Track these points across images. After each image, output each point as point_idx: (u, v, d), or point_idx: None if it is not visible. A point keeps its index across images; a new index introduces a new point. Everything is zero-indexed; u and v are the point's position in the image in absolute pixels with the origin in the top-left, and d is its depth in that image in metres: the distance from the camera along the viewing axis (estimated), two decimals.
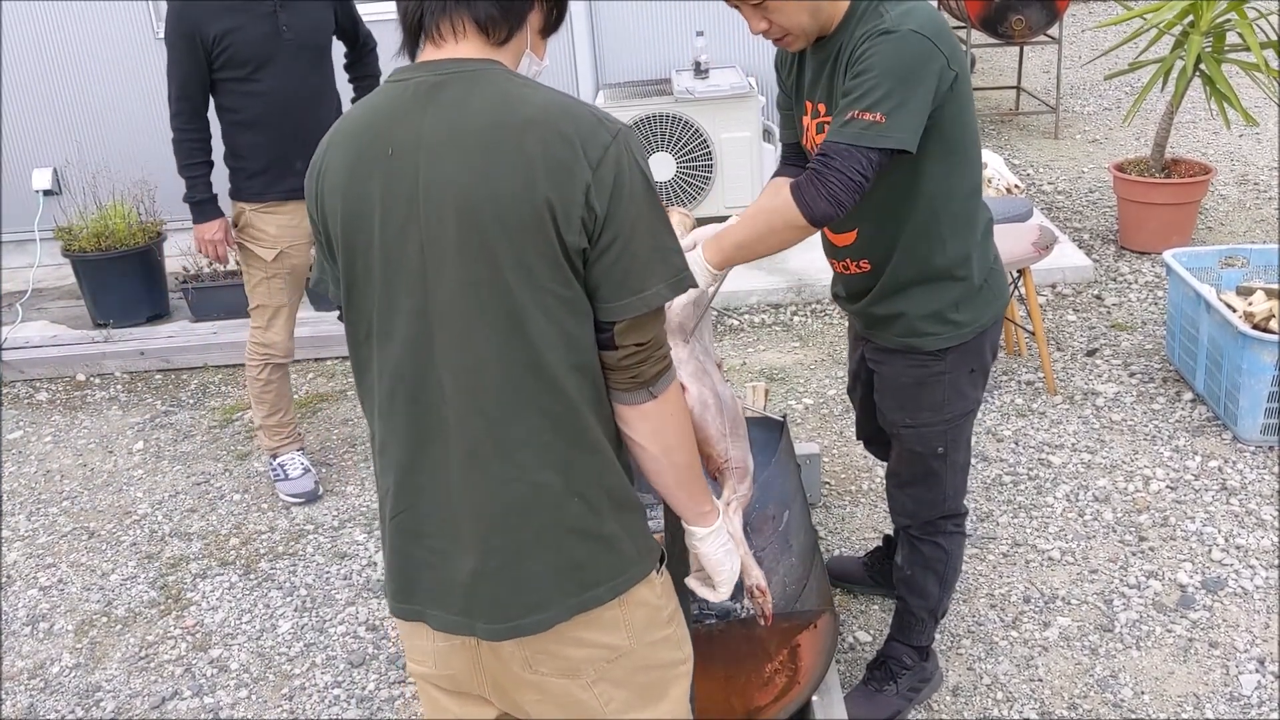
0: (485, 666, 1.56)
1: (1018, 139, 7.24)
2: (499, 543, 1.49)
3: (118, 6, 5.52)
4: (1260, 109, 7.05)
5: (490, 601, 1.50)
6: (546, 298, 1.42)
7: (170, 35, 3.26)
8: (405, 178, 1.42)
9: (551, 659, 1.53)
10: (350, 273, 1.50)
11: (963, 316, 2.25)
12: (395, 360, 1.49)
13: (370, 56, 3.72)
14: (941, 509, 2.43)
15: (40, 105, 5.70)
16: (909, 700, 2.58)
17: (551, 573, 1.49)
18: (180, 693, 2.87)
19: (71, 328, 5.12)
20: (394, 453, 1.53)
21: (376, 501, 3.63)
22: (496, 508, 1.48)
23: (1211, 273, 3.90)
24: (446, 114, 1.42)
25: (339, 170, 1.48)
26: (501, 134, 1.40)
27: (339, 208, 1.48)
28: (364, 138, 1.47)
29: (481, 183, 1.39)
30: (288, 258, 3.50)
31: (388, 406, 1.52)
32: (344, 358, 4.73)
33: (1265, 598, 2.87)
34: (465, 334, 1.44)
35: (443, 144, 1.41)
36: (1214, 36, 4.89)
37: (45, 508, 3.82)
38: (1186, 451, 3.53)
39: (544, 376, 1.44)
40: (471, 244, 1.40)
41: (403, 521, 1.55)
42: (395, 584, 1.58)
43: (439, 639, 1.57)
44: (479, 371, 1.45)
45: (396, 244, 1.44)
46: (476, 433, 1.47)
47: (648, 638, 1.58)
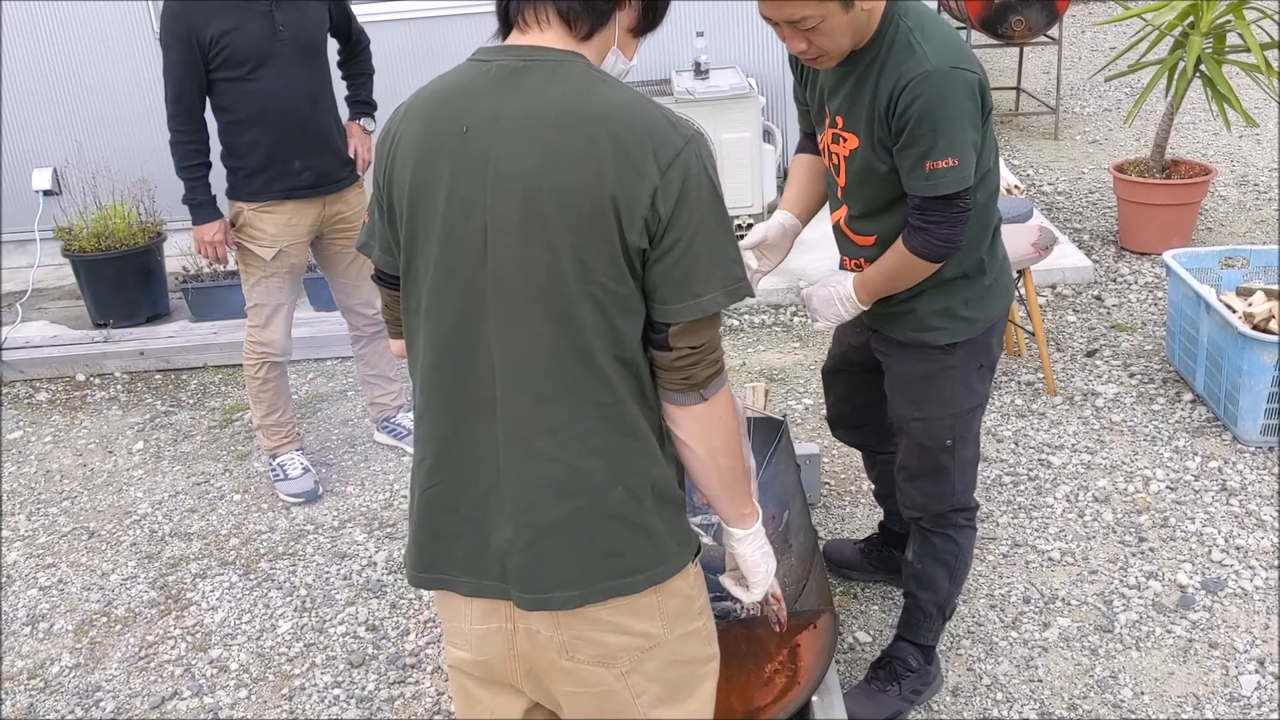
0: (520, 653, 1.57)
1: (1018, 140, 7.24)
2: (536, 518, 1.51)
3: (118, 6, 5.52)
4: (1260, 110, 7.05)
5: (524, 571, 1.52)
6: (598, 290, 1.44)
7: (166, 36, 3.25)
8: (476, 156, 1.45)
9: (589, 645, 1.54)
10: (411, 243, 1.52)
11: (972, 313, 2.29)
12: (445, 334, 1.51)
13: (364, 54, 3.72)
14: (950, 503, 2.45)
15: (40, 105, 5.70)
16: (910, 702, 2.57)
17: (587, 553, 1.51)
18: (180, 693, 2.87)
19: (71, 328, 5.12)
20: (435, 424, 1.55)
21: (378, 497, 3.64)
22: (537, 486, 1.50)
23: (1211, 273, 3.90)
24: (524, 99, 1.45)
25: (411, 141, 1.51)
26: (575, 125, 1.42)
27: (406, 178, 1.50)
28: (441, 112, 1.49)
29: (550, 171, 1.42)
30: (286, 257, 3.50)
31: (432, 379, 1.54)
32: (344, 358, 4.73)
33: (1265, 598, 2.87)
34: (518, 315, 1.46)
35: (517, 128, 1.44)
36: (1214, 37, 4.89)
37: (45, 508, 3.82)
38: (1186, 452, 3.53)
39: (591, 365, 1.47)
40: (533, 229, 1.43)
41: (438, 493, 1.56)
42: (421, 554, 1.60)
43: (476, 621, 1.58)
44: (530, 353, 1.47)
45: (460, 220, 1.47)
46: (523, 412, 1.49)
47: (680, 629, 1.59)
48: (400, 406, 3.98)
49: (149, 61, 5.42)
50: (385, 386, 3.94)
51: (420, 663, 2.89)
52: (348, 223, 3.62)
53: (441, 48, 5.54)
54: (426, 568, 1.59)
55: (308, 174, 3.45)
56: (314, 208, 3.52)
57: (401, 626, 3.04)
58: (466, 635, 1.61)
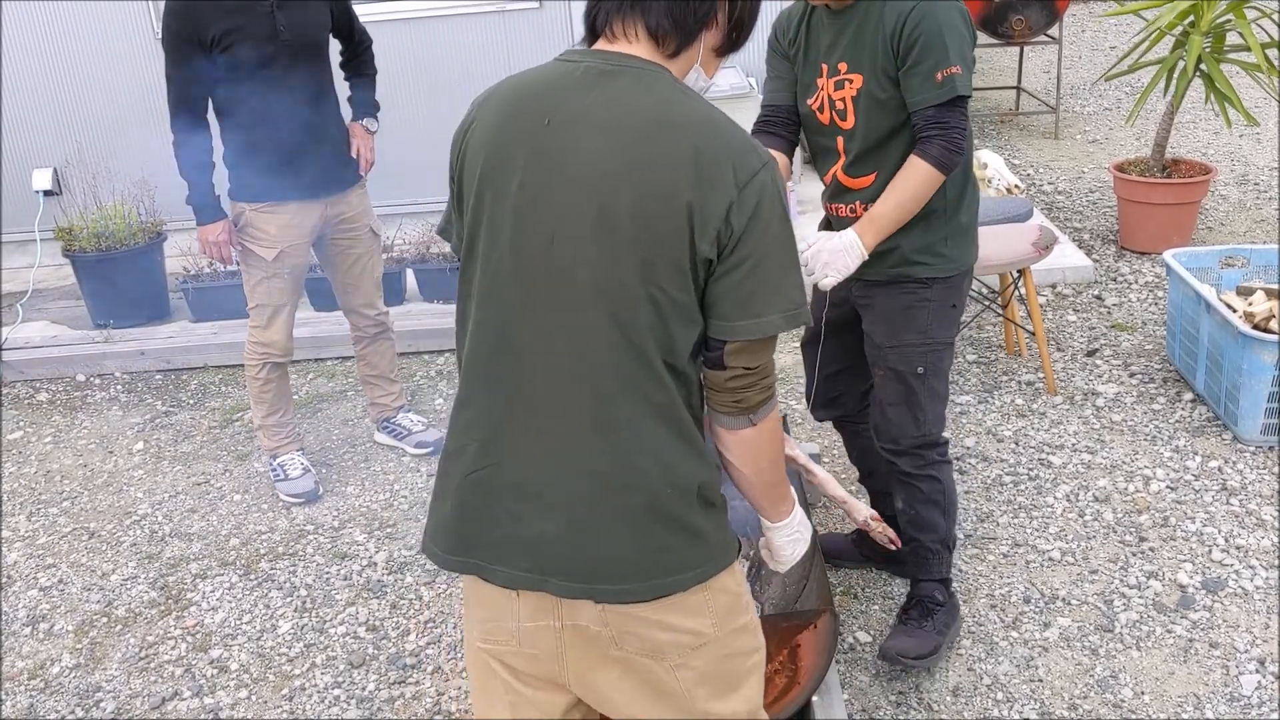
0: (569, 650, 1.58)
1: (1018, 139, 7.24)
2: (584, 513, 1.52)
3: (118, 6, 5.52)
4: (1260, 109, 7.05)
5: (566, 562, 1.52)
6: (660, 295, 1.47)
7: (168, 37, 3.25)
8: (555, 149, 1.48)
9: (638, 640, 1.55)
10: (474, 228, 1.55)
11: (950, 251, 2.52)
12: (501, 321, 1.53)
13: (366, 54, 3.72)
14: (920, 430, 2.62)
15: (40, 105, 5.71)
16: (944, 635, 2.70)
17: (633, 549, 1.52)
18: (180, 693, 2.87)
19: (72, 328, 5.12)
20: (483, 410, 1.56)
21: (378, 498, 3.64)
22: (588, 480, 1.51)
23: (1212, 273, 3.90)
24: (610, 100, 1.49)
25: (488, 128, 1.54)
26: (659, 131, 1.46)
27: (479, 163, 1.53)
28: (522, 104, 1.53)
29: (628, 171, 1.45)
30: (288, 257, 3.50)
31: (485, 366, 1.56)
32: (344, 358, 4.73)
33: (1265, 598, 2.87)
34: (579, 310, 1.48)
35: (600, 126, 1.47)
36: (1214, 37, 4.89)
37: (45, 508, 3.83)
38: (1187, 452, 3.53)
39: (649, 367, 1.49)
40: (603, 226, 1.45)
41: (481, 478, 1.56)
42: (454, 536, 1.59)
43: (526, 619, 1.57)
44: (589, 348, 1.49)
45: (529, 210, 1.49)
46: (580, 407, 1.50)
47: (730, 625, 1.61)
48: (400, 407, 3.98)
49: (149, 62, 5.43)
50: (386, 387, 3.94)
51: (420, 663, 2.89)
52: (350, 223, 3.62)
53: (441, 48, 5.55)
54: (459, 551, 1.59)
55: (310, 175, 3.45)
56: (316, 208, 3.52)
57: (402, 627, 3.04)
58: (514, 632, 1.60)
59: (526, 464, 1.54)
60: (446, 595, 3.15)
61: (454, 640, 2.97)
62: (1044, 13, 6.85)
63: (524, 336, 1.52)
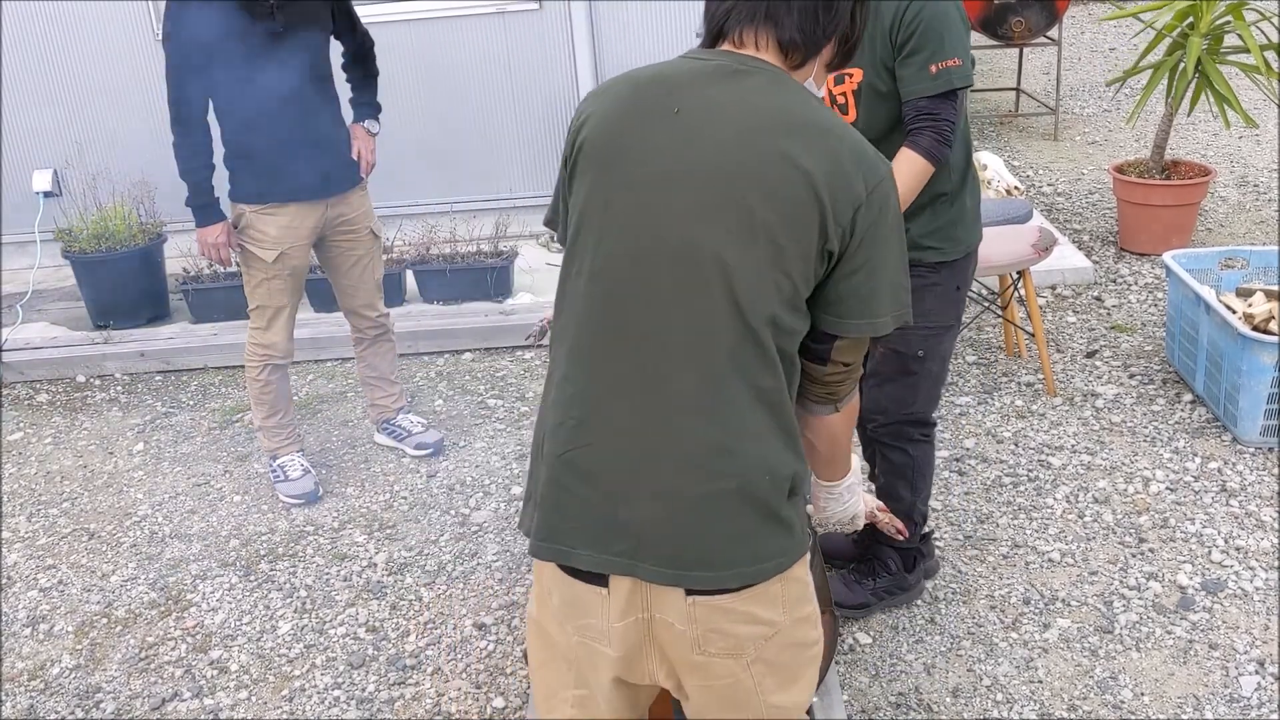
0: (657, 643, 1.60)
1: (1017, 141, 7.24)
2: (682, 497, 1.53)
3: (118, 6, 5.52)
4: (1260, 111, 7.05)
5: (659, 546, 1.53)
6: (784, 282, 1.52)
7: (169, 37, 3.25)
8: (685, 136, 1.52)
9: (721, 637, 1.57)
10: (588, 210, 1.57)
11: (959, 234, 2.58)
12: (615, 302, 1.55)
13: (368, 55, 3.72)
14: (910, 409, 2.70)
15: (40, 106, 5.70)
16: (879, 599, 2.87)
17: (726, 536, 1.54)
18: (180, 694, 2.87)
19: (72, 329, 5.12)
20: (583, 389, 1.57)
21: (378, 499, 3.64)
22: (688, 461, 1.53)
23: (1211, 274, 3.90)
24: (744, 95, 1.54)
25: (610, 116, 1.58)
26: (795, 129, 1.52)
27: (599, 148, 1.57)
28: (647, 92, 1.58)
29: (764, 164, 1.50)
30: (288, 259, 3.50)
31: (591, 344, 1.57)
32: (344, 359, 4.73)
33: (1265, 599, 2.88)
34: (701, 291, 1.51)
35: (733, 118, 1.52)
36: (1213, 38, 4.90)
37: (45, 509, 3.83)
38: (1186, 453, 3.53)
39: (763, 351, 1.52)
40: (736, 212, 1.50)
41: (576, 458, 1.57)
42: (542, 521, 1.61)
43: (615, 619, 1.59)
44: (706, 329, 1.51)
45: (655, 193, 1.53)
46: (689, 387, 1.52)
47: (797, 613, 1.63)
48: (400, 409, 3.98)
49: (149, 62, 5.43)
50: (386, 388, 3.94)
51: (420, 664, 2.89)
52: (351, 225, 3.62)
53: (441, 48, 5.55)
54: (546, 536, 1.60)
55: (310, 176, 3.45)
56: (317, 210, 3.52)
57: (401, 628, 3.04)
58: (604, 632, 1.61)
59: (624, 445, 1.55)
60: (446, 596, 3.15)
61: (454, 641, 2.97)
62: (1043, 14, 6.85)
63: (636, 316, 1.54)
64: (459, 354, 4.75)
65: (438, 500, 3.64)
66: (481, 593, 3.16)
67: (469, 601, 3.12)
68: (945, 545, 3.18)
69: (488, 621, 3.03)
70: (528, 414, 4.16)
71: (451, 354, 4.75)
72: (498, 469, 3.80)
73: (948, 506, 3.36)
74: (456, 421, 4.16)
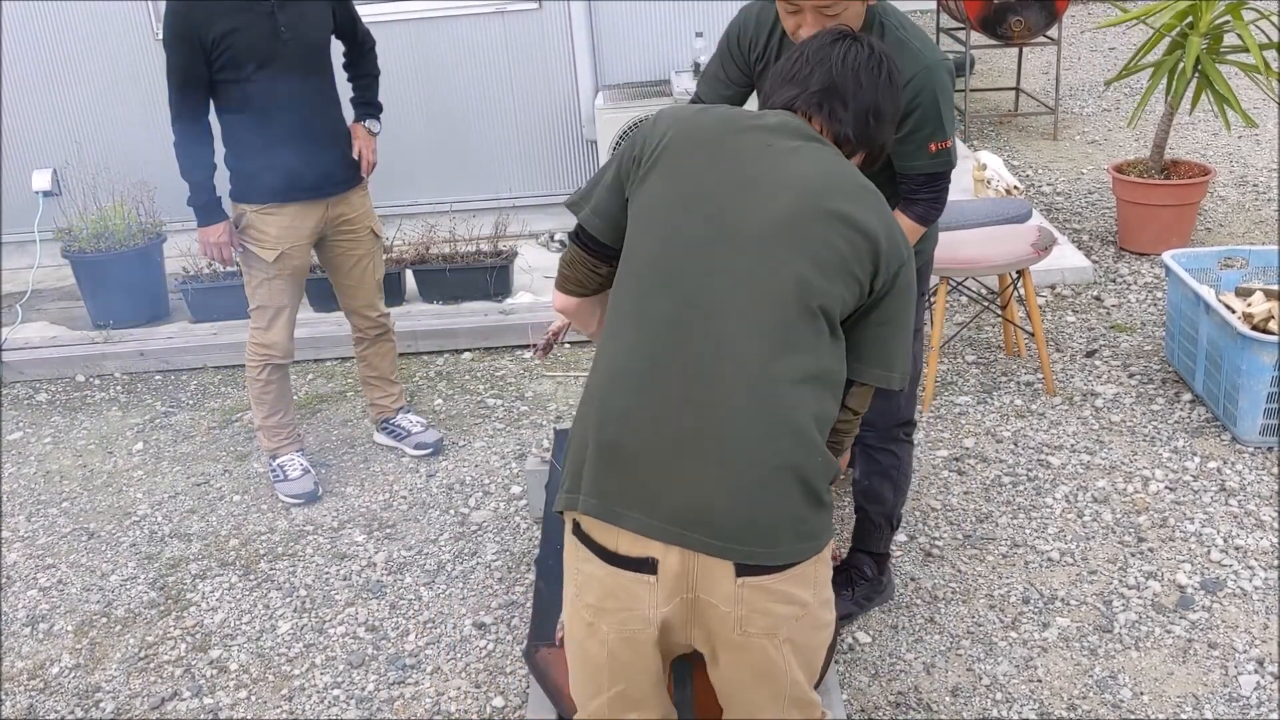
0: (700, 621, 1.69)
1: (1017, 140, 7.24)
2: (739, 473, 1.62)
3: (117, 7, 5.52)
4: (1259, 110, 7.06)
5: (714, 519, 1.61)
6: (836, 286, 1.70)
7: (169, 37, 3.25)
8: (778, 164, 1.73)
9: (762, 617, 1.67)
10: (666, 199, 1.73)
11: (922, 245, 2.59)
12: (684, 280, 1.68)
13: (369, 55, 3.72)
14: (897, 416, 2.74)
15: (40, 105, 5.71)
16: (861, 608, 2.89)
17: (779, 514, 1.64)
18: (180, 693, 2.88)
19: (71, 329, 5.12)
20: (641, 363, 1.67)
21: (377, 498, 3.64)
22: (748, 440, 1.62)
23: (1210, 274, 3.90)
24: (821, 153, 1.78)
25: (706, 129, 1.78)
26: (861, 187, 1.76)
27: (688, 151, 1.75)
28: (741, 123, 1.79)
29: (845, 200, 1.72)
30: (289, 259, 3.50)
31: (650, 319, 1.68)
32: (343, 358, 4.73)
33: (1264, 598, 2.88)
34: (766, 278, 1.66)
35: (814, 161, 1.75)
36: (1212, 38, 4.90)
37: (45, 508, 3.83)
38: (1185, 452, 3.53)
39: (819, 339, 1.69)
40: (820, 224, 1.69)
41: (632, 429, 1.66)
42: (598, 486, 1.67)
43: (663, 603, 1.66)
44: (768, 316, 1.65)
45: (740, 200, 1.70)
46: (752, 367, 1.63)
47: (822, 595, 1.75)
48: (400, 408, 3.98)
49: (149, 62, 5.44)
50: (385, 388, 3.94)
51: (420, 663, 2.90)
52: (351, 225, 3.62)
53: (441, 48, 5.55)
54: (600, 497, 1.67)
55: (311, 176, 3.45)
56: (317, 210, 3.52)
57: (401, 627, 3.04)
58: (649, 620, 1.68)
59: (682, 419, 1.63)
60: (446, 596, 3.15)
61: (453, 641, 2.97)
62: (1043, 14, 6.85)
63: (701, 297, 1.66)
64: (458, 354, 4.75)
65: (437, 500, 3.64)
66: (481, 592, 3.16)
67: (468, 601, 3.13)
68: (945, 545, 3.18)
69: (487, 621, 3.03)
70: (527, 413, 4.17)
71: (451, 354, 4.76)
72: (497, 468, 3.80)
73: (947, 506, 3.36)
74: (456, 421, 4.16)
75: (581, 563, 1.73)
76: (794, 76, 1.86)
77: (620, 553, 1.66)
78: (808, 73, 1.85)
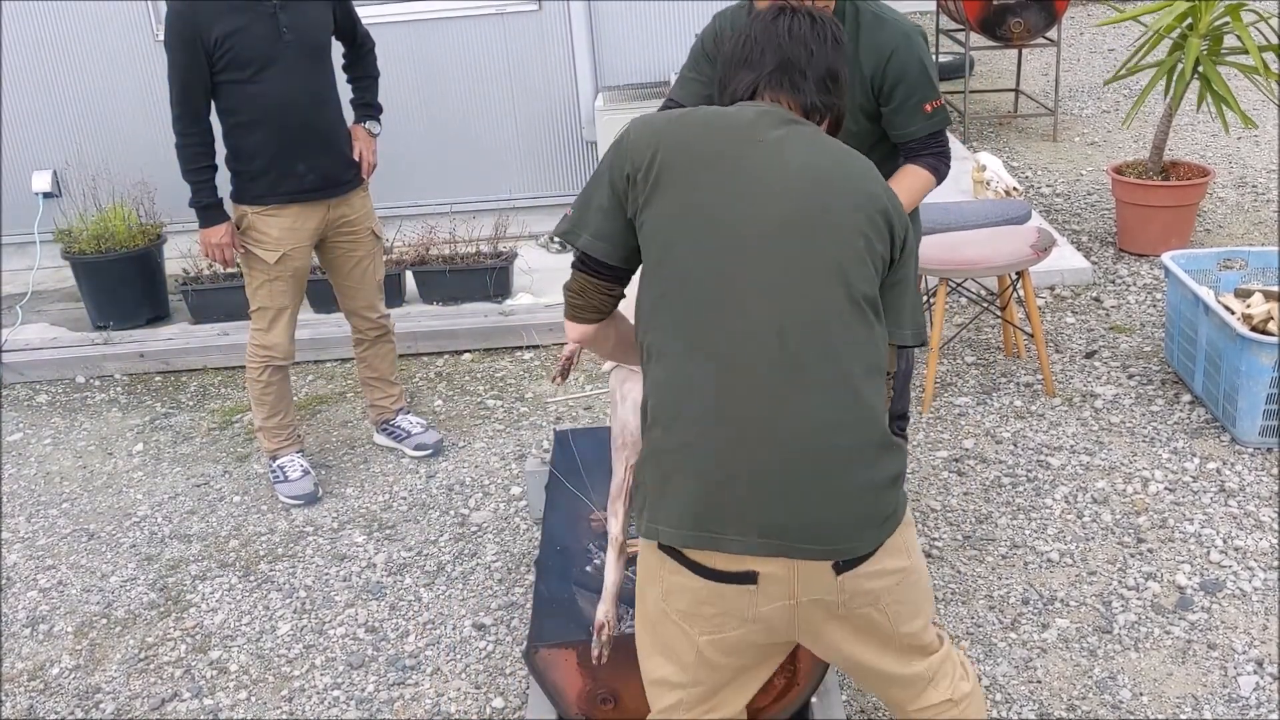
0: (802, 620, 1.75)
1: (1016, 141, 7.25)
2: (825, 470, 1.66)
3: (118, 7, 5.52)
4: (1258, 111, 7.06)
5: (810, 526, 1.66)
6: (870, 271, 1.74)
7: (170, 38, 3.25)
8: (772, 157, 1.76)
9: (863, 596, 1.74)
10: (681, 212, 1.74)
11: None
12: (724, 293, 1.70)
13: (369, 56, 3.72)
14: (895, 407, 2.78)
15: (40, 107, 5.71)
16: None
17: (871, 511, 1.70)
18: (180, 694, 2.88)
19: (71, 330, 5.12)
20: (704, 377, 1.69)
21: (377, 499, 3.64)
22: (828, 441, 1.67)
23: (1210, 275, 3.91)
24: (808, 136, 1.81)
25: (694, 138, 1.78)
26: (854, 159, 1.81)
27: (688, 161, 1.76)
28: (723, 123, 1.81)
29: (846, 180, 1.76)
30: (290, 260, 3.50)
31: (707, 352, 1.70)
32: (343, 359, 4.73)
33: (1264, 599, 2.88)
34: (812, 276, 1.70)
35: (806, 147, 1.78)
36: (1212, 39, 4.90)
37: (45, 509, 3.83)
38: (1185, 453, 3.54)
39: (871, 329, 1.74)
40: (835, 211, 1.73)
41: (713, 445, 1.68)
42: (691, 514, 1.69)
43: (762, 604, 1.71)
44: (825, 312, 1.69)
45: (759, 199, 1.72)
46: (817, 368, 1.67)
47: (916, 551, 1.82)
48: (400, 409, 3.98)
49: (149, 63, 5.44)
50: (385, 389, 3.94)
51: (419, 664, 2.90)
52: (352, 226, 3.63)
53: (441, 49, 5.56)
54: (696, 526, 1.69)
55: (312, 177, 3.45)
56: (318, 211, 3.52)
57: (401, 628, 3.04)
58: (747, 618, 1.73)
59: (762, 428, 1.66)
60: (445, 597, 3.15)
61: (453, 642, 2.97)
62: (1042, 15, 6.86)
63: (753, 307, 1.68)
64: (458, 354, 4.75)
65: (437, 501, 3.64)
66: (481, 593, 3.16)
67: (468, 602, 3.13)
68: (944, 546, 3.18)
69: (487, 622, 3.03)
70: (527, 414, 4.17)
71: (451, 354, 4.76)
72: (497, 470, 3.80)
73: (947, 507, 3.36)
74: (456, 422, 4.16)
75: (669, 573, 1.76)
76: (746, 60, 1.89)
77: (718, 569, 1.70)
78: (759, 54, 1.88)
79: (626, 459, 2.21)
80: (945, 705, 1.89)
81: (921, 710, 1.89)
